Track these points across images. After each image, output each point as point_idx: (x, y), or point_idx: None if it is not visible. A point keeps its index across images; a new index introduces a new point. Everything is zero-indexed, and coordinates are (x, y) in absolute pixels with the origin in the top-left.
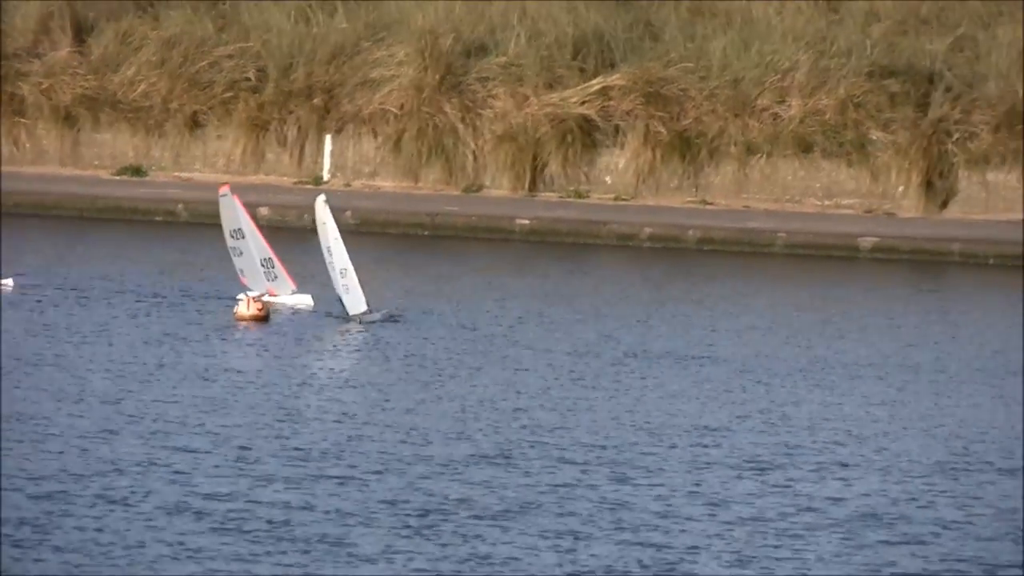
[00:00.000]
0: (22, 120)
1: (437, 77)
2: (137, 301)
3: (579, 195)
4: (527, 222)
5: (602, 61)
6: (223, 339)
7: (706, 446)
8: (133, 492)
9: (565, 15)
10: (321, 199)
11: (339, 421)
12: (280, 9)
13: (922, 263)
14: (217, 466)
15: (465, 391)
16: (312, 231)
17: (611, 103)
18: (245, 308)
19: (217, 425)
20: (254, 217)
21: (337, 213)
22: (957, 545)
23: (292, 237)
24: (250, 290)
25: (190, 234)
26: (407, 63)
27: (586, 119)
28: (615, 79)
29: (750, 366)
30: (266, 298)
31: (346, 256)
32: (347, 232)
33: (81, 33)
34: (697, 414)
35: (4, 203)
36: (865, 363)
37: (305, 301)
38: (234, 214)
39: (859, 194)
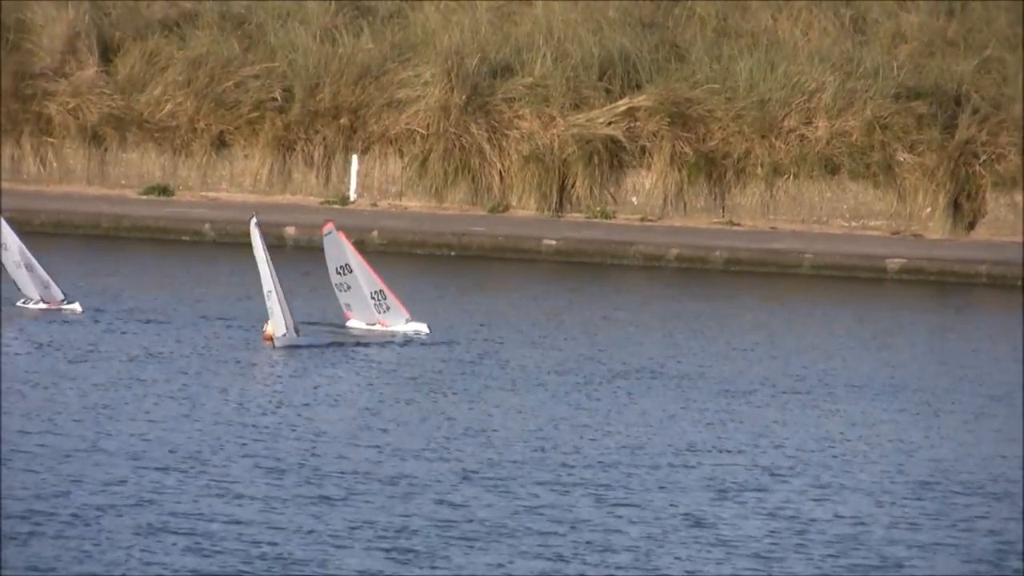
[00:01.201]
0: (49, 139)
1: (463, 97)
2: (149, 321)
3: (605, 216)
4: (554, 242)
5: (628, 82)
6: (231, 360)
7: (691, 466)
8: (107, 511)
9: (591, 36)
10: (253, 220)
11: (328, 440)
12: (306, 29)
13: (949, 285)
14: (188, 484)
15: (459, 411)
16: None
17: (637, 124)
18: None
19: (198, 443)
20: (279, 238)
21: (364, 233)
22: (938, 567)
23: (320, 257)
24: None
25: (217, 254)
26: (433, 83)
27: (612, 140)
28: (641, 100)
29: (751, 386)
30: (377, 328)
31: (271, 278)
32: (374, 252)
33: (107, 53)
34: (688, 434)
35: (31, 223)
36: (870, 385)
37: (421, 329)
38: (340, 251)
39: (886, 215)
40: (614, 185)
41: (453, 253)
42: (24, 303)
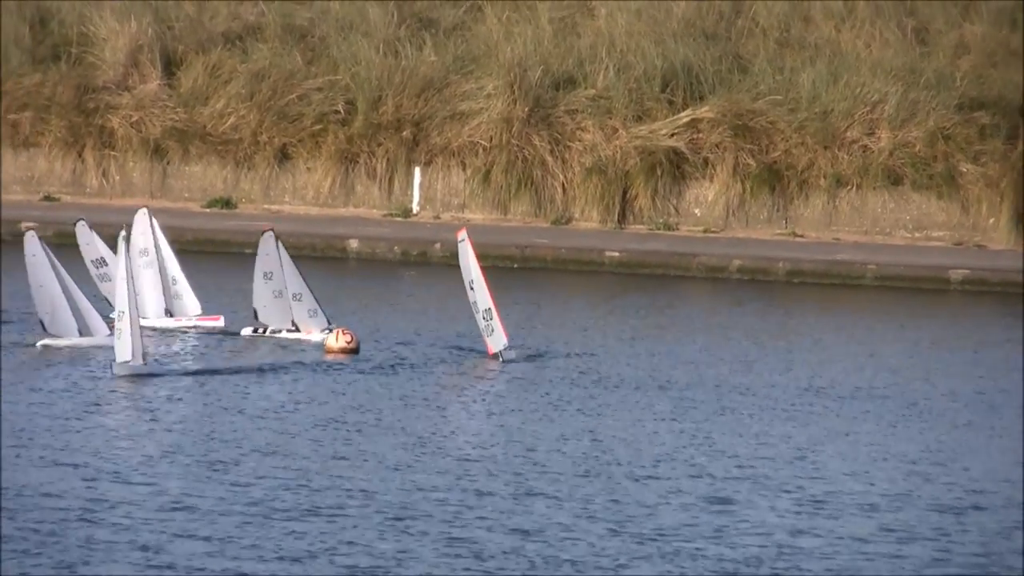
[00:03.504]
0: (111, 153)
1: (526, 110)
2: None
3: (668, 227)
4: (616, 254)
5: (691, 94)
6: (268, 373)
7: (678, 478)
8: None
9: (654, 48)
10: (122, 236)
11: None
12: (369, 42)
13: (1012, 295)
14: (136, 502)
15: (469, 422)
16: (402, 263)
17: (700, 135)
18: (334, 340)
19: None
20: (342, 251)
21: (426, 245)
22: None
23: (384, 270)
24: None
25: None
26: (496, 96)
27: (675, 151)
28: (704, 111)
29: (783, 400)
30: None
31: (128, 298)
32: (437, 264)
33: (170, 66)
34: (687, 446)
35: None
36: (913, 396)
37: (506, 356)
38: (467, 263)
39: (949, 226)
40: (676, 197)
41: (516, 265)
42: (277, 332)
